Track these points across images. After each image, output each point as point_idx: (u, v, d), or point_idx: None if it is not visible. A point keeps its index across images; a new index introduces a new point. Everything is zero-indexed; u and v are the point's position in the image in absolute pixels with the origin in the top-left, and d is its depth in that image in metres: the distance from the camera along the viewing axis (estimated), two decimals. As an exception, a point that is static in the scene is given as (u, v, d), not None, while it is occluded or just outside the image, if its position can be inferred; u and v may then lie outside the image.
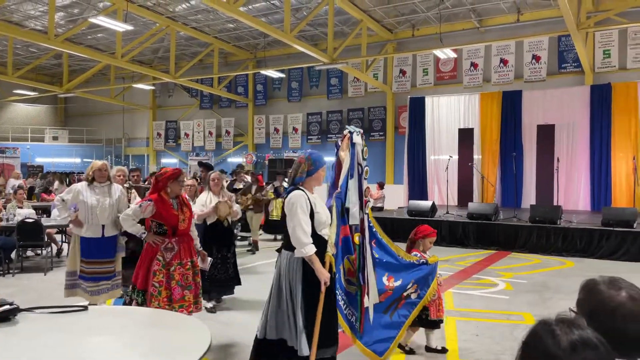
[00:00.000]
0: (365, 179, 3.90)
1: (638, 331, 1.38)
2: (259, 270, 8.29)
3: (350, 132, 3.84)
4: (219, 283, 5.89)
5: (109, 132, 25.81)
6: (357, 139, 3.84)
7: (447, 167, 13.40)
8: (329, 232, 3.49)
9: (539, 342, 1.18)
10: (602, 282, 1.47)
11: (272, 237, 11.89)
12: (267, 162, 20.83)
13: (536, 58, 15.63)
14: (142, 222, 4.63)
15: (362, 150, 3.85)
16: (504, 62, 16.14)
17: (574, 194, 14.41)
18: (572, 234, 9.92)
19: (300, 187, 3.49)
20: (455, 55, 16.03)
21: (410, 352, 4.48)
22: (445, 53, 14.47)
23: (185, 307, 4.36)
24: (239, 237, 10.62)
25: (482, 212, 11.17)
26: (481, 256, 9.84)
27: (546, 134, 14.38)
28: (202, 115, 23.19)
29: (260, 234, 11.08)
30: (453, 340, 4.79)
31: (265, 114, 21.47)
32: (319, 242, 3.37)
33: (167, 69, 18.34)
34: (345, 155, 3.78)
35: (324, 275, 3.30)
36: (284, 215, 3.55)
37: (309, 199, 3.42)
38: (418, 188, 16.45)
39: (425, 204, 12.30)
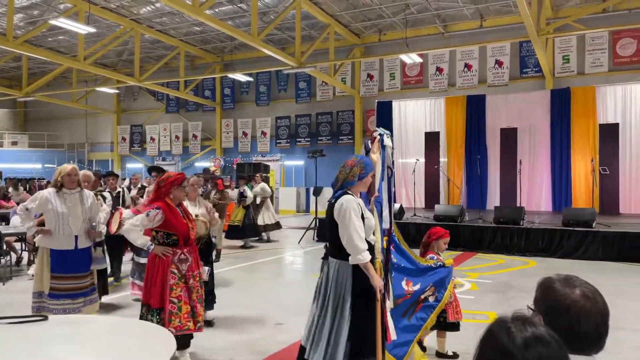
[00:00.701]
0: (394, 182, 3.79)
1: (591, 328, 1.42)
2: (229, 279, 8.22)
3: (380, 134, 3.73)
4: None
5: (72, 136, 25.16)
6: (387, 141, 3.73)
7: (414, 170, 13.58)
8: (375, 238, 3.37)
9: (495, 340, 1.22)
10: (558, 281, 1.52)
11: (232, 242, 11.34)
12: (235, 166, 20.70)
13: (499, 63, 16.03)
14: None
15: (392, 153, 3.76)
16: (468, 67, 16.49)
17: (536, 195, 14.82)
18: (534, 234, 10.18)
19: (349, 192, 3.33)
20: (421, 60, 16.30)
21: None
22: (411, 58, 14.70)
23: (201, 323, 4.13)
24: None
25: (448, 214, 11.36)
26: (448, 257, 9.99)
27: (509, 137, 14.78)
28: (168, 119, 22.87)
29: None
30: (419, 339, 4.84)
31: (233, 117, 21.32)
32: (368, 248, 3.24)
33: (131, 72, 18.02)
34: (377, 158, 3.62)
35: (379, 282, 3.18)
36: (331, 222, 3.32)
37: (359, 204, 3.29)
38: (386, 191, 16.59)
39: (394, 206, 12.41)
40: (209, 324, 5.32)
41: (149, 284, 4.04)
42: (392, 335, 3.52)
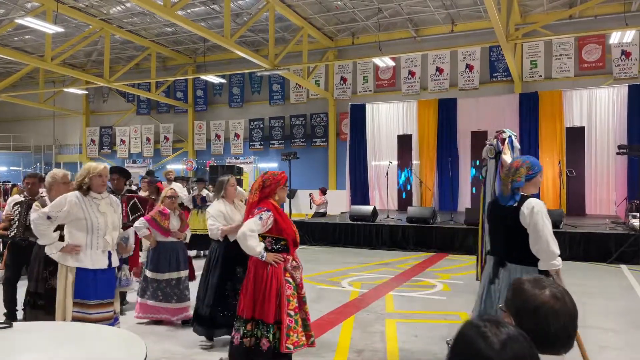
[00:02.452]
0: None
1: (560, 328, 1.46)
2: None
3: (509, 135, 3.64)
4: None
5: (38, 138, 24.47)
6: (516, 142, 3.68)
7: (387, 173, 13.69)
8: None
9: (470, 344, 1.22)
10: (527, 282, 1.56)
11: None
12: (208, 168, 20.48)
13: (469, 67, 16.31)
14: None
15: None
16: (439, 70, 16.73)
17: (506, 197, 15.08)
18: (504, 235, 10.36)
19: (525, 194, 3.25)
20: (394, 64, 16.46)
21: None
22: (384, 61, 14.83)
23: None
24: None
25: (421, 216, 11.48)
26: (420, 259, 10.10)
27: (479, 139, 14.99)
28: (139, 120, 22.49)
29: None
30: (393, 341, 4.89)
31: (206, 119, 21.12)
32: None
33: (101, 72, 17.67)
34: (508, 158, 3.53)
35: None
36: (514, 226, 3.19)
37: None
38: (360, 193, 16.71)
39: (367, 208, 12.50)
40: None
41: (261, 297, 3.59)
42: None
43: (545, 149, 14.60)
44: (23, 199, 5.21)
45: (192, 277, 5.58)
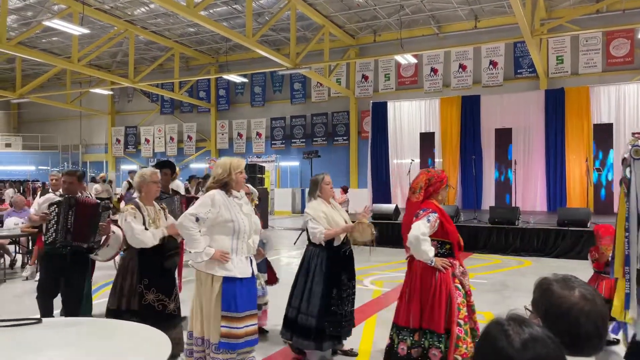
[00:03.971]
0: None
1: (590, 330, 1.42)
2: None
3: None
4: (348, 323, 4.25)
5: (66, 138, 25.03)
6: None
7: (409, 171, 13.59)
8: None
9: (493, 342, 1.22)
10: (555, 282, 1.51)
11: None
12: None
13: (493, 64, 16.07)
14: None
15: None
16: (462, 67, 16.53)
17: (531, 196, 14.85)
18: (529, 234, 10.21)
19: None
20: (416, 61, 16.32)
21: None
22: (406, 58, 14.72)
23: None
24: None
25: (444, 215, 11.34)
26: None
27: (504, 137, 14.81)
28: (163, 120, 22.80)
29: None
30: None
31: (228, 119, 21.28)
32: None
33: (125, 73, 17.96)
34: None
35: None
36: None
37: None
38: (381, 191, 16.62)
39: (389, 207, 12.43)
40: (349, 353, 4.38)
41: (430, 305, 3.38)
42: None
43: (571, 147, 14.31)
44: (59, 197, 4.47)
45: (273, 280, 5.03)
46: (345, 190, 15.22)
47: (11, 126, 26.96)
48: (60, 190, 4.51)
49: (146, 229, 3.77)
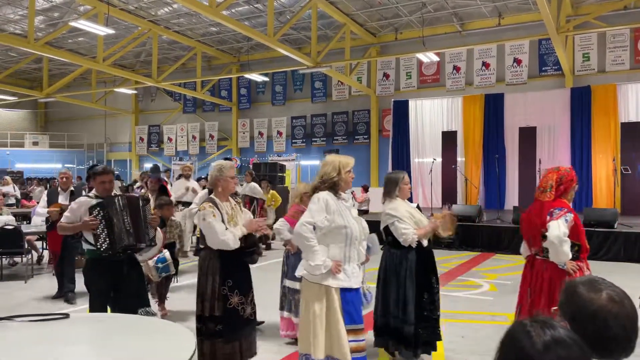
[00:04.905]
0: None
1: (619, 332, 1.39)
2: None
3: None
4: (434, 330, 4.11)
5: (91, 137, 25.50)
6: None
7: (431, 170, 13.49)
8: None
9: (516, 343, 1.22)
10: (582, 284, 1.49)
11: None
12: (251, 166, 20.77)
13: (517, 61, 15.84)
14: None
15: None
16: (485, 65, 16.32)
17: (555, 195, 14.59)
18: (554, 234, 10.03)
19: None
20: (438, 59, 16.16)
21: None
22: (428, 56, 14.59)
23: None
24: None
25: (466, 214, 11.25)
26: (465, 258, 9.91)
27: (528, 136, 14.58)
28: (185, 119, 23.05)
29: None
30: (439, 341, 4.80)
31: (249, 117, 21.41)
32: None
33: (149, 73, 18.19)
34: None
35: None
36: None
37: None
38: (402, 191, 16.50)
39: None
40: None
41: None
42: None
43: (598, 146, 14.02)
44: (96, 199, 3.92)
45: None
46: (366, 189, 15.20)
47: (38, 125, 27.57)
48: (94, 190, 4.02)
49: (226, 228, 3.48)
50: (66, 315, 2.67)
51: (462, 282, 7.64)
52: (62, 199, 6.56)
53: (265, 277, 6.34)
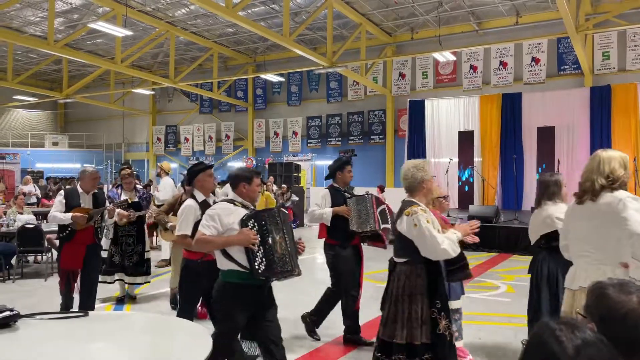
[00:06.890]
0: None
1: None
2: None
3: None
4: None
5: (109, 137, 25.82)
6: None
7: (447, 170, 13.39)
8: None
9: (544, 347, 1.19)
10: (612, 286, 1.46)
11: None
12: (267, 166, 20.83)
13: (535, 60, 15.64)
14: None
15: None
16: (503, 64, 16.16)
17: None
18: (573, 236, 9.90)
19: None
20: (455, 58, 16.04)
21: None
22: (444, 56, 14.48)
23: None
24: None
25: (483, 215, 11.15)
26: (482, 259, 9.82)
27: (546, 136, 14.38)
28: (201, 119, 23.22)
29: None
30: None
31: (265, 118, 21.48)
32: None
33: (166, 73, 18.36)
34: None
35: None
36: None
37: None
38: (418, 191, 16.42)
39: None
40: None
41: None
42: None
43: (618, 146, 13.73)
44: (246, 210, 3.25)
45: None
46: (381, 189, 15.12)
47: (58, 125, 28.01)
48: (241, 199, 3.32)
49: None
50: (85, 314, 2.70)
51: (480, 284, 7.57)
52: (86, 202, 5.14)
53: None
